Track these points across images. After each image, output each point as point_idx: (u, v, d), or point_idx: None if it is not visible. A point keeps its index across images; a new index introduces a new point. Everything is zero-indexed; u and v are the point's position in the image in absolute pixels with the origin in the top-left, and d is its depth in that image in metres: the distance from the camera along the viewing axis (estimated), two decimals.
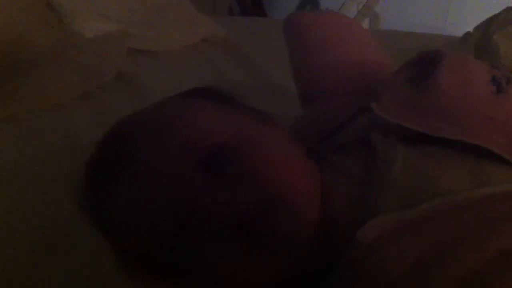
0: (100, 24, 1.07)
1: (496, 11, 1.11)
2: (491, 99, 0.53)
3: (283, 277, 0.50)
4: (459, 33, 1.18)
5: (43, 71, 0.85)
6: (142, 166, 0.51)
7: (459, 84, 0.54)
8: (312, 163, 0.56)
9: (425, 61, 0.59)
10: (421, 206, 0.47)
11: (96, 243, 0.55)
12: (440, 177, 0.48)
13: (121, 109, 0.65)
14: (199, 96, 0.60)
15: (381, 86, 0.60)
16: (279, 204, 0.48)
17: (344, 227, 0.50)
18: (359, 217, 0.49)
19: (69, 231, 0.64)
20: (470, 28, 1.14)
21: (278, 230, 0.48)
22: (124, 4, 1.18)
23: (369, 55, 0.74)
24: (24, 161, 0.73)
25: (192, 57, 1.16)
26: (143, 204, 0.50)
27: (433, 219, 0.46)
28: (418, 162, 0.50)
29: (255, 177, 0.49)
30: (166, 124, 0.54)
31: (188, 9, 1.31)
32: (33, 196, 0.69)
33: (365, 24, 2.07)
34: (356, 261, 0.47)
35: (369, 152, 0.54)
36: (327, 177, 0.54)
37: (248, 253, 0.48)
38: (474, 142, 0.49)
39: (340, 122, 0.61)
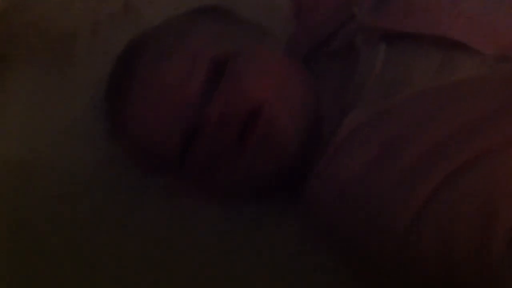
0: None
1: None
2: None
3: (273, 175, 0.58)
4: None
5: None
6: (150, 77, 0.59)
7: None
8: (305, 71, 0.62)
9: None
10: (396, 96, 0.53)
11: None
12: (414, 69, 0.55)
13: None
14: (204, 14, 0.66)
15: None
16: (276, 106, 0.56)
17: (330, 124, 0.58)
18: (345, 110, 0.56)
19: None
20: None
21: (274, 128, 0.55)
22: None
23: None
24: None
25: None
26: (151, 110, 0.58)
27: (404, 105, 0.53)
28: (397, 58, 0.57)
29: (252, 82, 0.57)
30: (172, 38, 0.61)
31: None
32: None
33: None
34: (339, 146, 0.54)
35: (355, 55, 0.60)
36: (319, 82, 0.62)
37: (246, 150, 0.55)
38: (442, 35, 0.55)
39: (330, 31, 0.67)
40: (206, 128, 0.55)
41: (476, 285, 0.47)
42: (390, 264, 0.50)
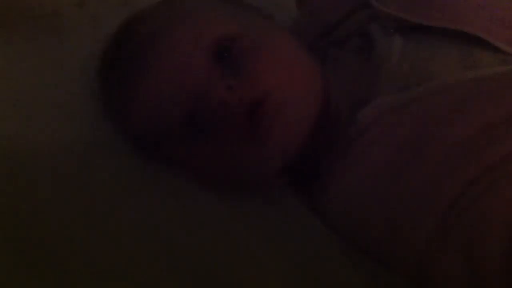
0: None
1: None
2: None
3: (284, 162, 0.55)
4: None
5: None
6: (152, 57, 0.55)
7: None
8: (312, 58, 0.60)
9: None
10: (415, 88, 0.52)
11: None
12: (433, 63, 0.53)
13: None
14: None
15: None
16: (283, 92, 0.53)
17: (343, 112, 0.56)
18: (359, 102, 0.54)
19: None
20: None
21: (281, 116, 0.52)
22: None
23: None
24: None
25: None
26: (153, 93, 0.54)
27: (425, 99, 0.51)
28: (413, 50, 0.55)
29: (261, 67, 0.53)
30: (175, 16, 0.57)
31: None
32: None
33: None
34: (356, 138, 0.52)
35: (368, 44, 0.58)
36: (328, 69, 0.59)
37: (252, 138, 0.52)
38: (463, 29, 0.54)
39: (337, 18, 0.65)
40: (207, 112, 0.52)
41: None
42: (407, 273, 0.47)
